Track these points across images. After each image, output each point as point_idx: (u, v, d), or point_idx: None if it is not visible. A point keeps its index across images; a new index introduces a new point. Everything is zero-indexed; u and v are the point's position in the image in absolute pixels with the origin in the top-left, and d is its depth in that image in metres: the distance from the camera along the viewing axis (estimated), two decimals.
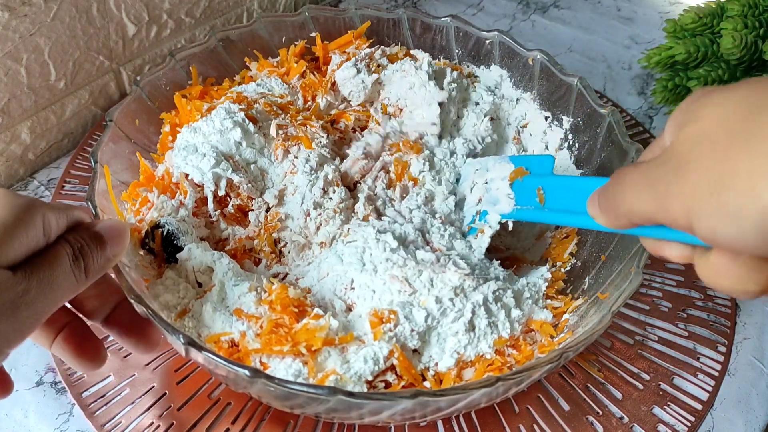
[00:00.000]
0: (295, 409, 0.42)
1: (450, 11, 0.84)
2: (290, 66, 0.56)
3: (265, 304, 0.41)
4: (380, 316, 0.41)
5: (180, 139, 0.49)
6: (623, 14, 0.86)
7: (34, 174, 0.61)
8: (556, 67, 0.53)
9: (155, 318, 0.36)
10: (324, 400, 0.34)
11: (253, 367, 0.36)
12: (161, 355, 0.48)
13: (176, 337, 0.35)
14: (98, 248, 0.35)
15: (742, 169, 0.24)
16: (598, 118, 0.50)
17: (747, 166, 0.24)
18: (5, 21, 0.51)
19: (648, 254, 0.40)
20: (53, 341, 0.37)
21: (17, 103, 0.56)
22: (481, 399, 0.37)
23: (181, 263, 0.44)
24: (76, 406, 0.46)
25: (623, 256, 0.43)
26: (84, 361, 0.38)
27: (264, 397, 0.40)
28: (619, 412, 0.47)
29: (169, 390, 0.46)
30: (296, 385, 0.34)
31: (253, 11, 0.75)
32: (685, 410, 0.47)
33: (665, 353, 0.50)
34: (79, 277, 0.33)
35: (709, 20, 0.68)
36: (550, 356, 0.37)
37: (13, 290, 0.30)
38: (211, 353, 0.35)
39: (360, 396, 0.34)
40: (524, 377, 0.36)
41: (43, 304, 0.32)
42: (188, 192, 0.47)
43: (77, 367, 0.38)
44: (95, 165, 0.44)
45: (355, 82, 0.55)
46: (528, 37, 0.81)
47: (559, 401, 0.47)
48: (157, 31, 0.65)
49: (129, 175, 0.48)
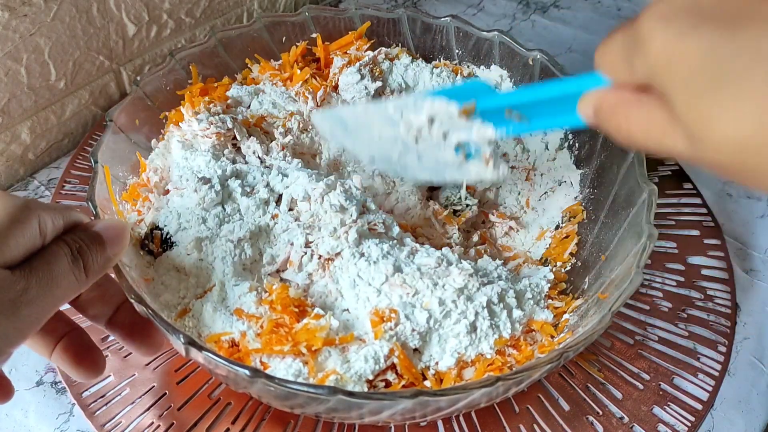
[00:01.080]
0: (296, 409, 0.42)
1: (450, 11, 0.83)
2: (293, 72, 0.56)
3: (265, 304, 0.41)
4: (381, 315, 0.41)
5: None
6: (623, 14, 0.86)
7: (34, 174, 0.61)
8: (556, 67, 0.53)
9: (155, 318, 0.36)
10: (324, 399, 0.34)
11: (253, 366, 0.36)
12: (161, 355, 0.47)
13: (176, 337, 0.35)
14: (97, 248, 0.35)
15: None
16: None
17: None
18: (5, 21, 0.51)
19: (648, 254, 0.40)
20: (53, 350, 0.37)
21: (17, 103, 0.56)
22: (481, 399, 0.37)
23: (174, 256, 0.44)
24: (76, 406, 0.46)
25: (623, 256, 0.43)
26: (83, 369, 0.38)
27: (264, 397, 0.40)
28: (619, 412, 0.47)
29: (169, 390, 0.46)
30: (296, 385, 0.34)
31: (253, 11, 0.75)
32: (685, 410, 0.47)
33: (665, 353, 0.50)
34: (79, 277, 0.33)
35: None
36: (550, 356, 0.37)
37: (12, 289, 0.30)
38: (211, 353, 0.35)
39: (360, 396, 0.34)
40: (524, 377, 0.36)
41: (43, 304, 0.32)
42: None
43: (76, 375, 0.38)
44: (95, 165, 0.44)
45: (359, 88, 0.55)
46: (528, 37, 0.81)
47: (559, 401, 0.47)
48: (157, 31, 0.65)
49: (129, 175, 0.48)
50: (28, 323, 0.31)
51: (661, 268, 0.56)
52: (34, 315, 0.31)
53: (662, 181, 0.61)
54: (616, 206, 0.47)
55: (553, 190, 0.54)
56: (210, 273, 0.43)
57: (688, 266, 0.56)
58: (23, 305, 0.30)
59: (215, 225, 0.44)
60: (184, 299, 0.43)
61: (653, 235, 0.41)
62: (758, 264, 0.58)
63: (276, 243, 0.45)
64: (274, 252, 0.45)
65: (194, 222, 0.44)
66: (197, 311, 0.42)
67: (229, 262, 0.43)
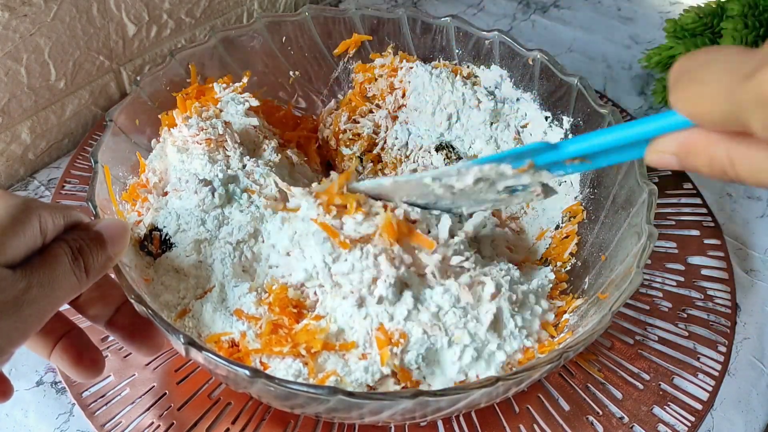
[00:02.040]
0: (296, 409, 0.41)
1: (450, 11, 0.84)
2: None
3: (264, 304, 0.41)
4: (389, 336, 0.39)
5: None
6: (623, 14, 0.86)
7: (34, 174, 0.61)
8: (556, 67, 0.53)
9: (155, 318, 0.36)
10: (324, 399, 0.34)
11: (253, 367, 0.36)
12: (161, 355, 0.47)
13: (176, 337, 0.35)
14: (98, 247, 0.35)
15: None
16: (598, 118, 0.50)
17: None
18: (5, 21, 0.51)
19: (648, 254, 0.40)
20: (52, 350, 0.37)
21: (17, 103, 0.56)
22: (481, 399, 0.37)
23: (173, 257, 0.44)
24: (76, 406, 0.46)
25: (623, 256, 0.43)
26: (82, 369, 0.38)
27: (264, 397, 0.40)
28: (619, 412, 0.47)
29: (169, 390, 0.46)
30: (296, 385, 0.34)
31: (253, 11, 0.75)
32: (686, 410, 0.47)
33: (665, 353, 0.50)
34: (79, 276, 0.34)
35: (709, 20, 0.68)
36: (551, 356, 0.36)
37: (14, 288, 0.30)
38: (211, 353, 0.35)
39: (360, 396, 0.34)
40: (524, 377, 0.36)
41: (44, 303, 0.32)
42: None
43: (76, 376, 0.38)
44: (95, 165, 0.44)
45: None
46: (528, 37, 0.81)
47: (559, 401, 0.47)
48: (157, 31, 0.65)
49: (129, 176, 0.48)
50: (30, 323, 0.31)
51: (661, 268, 0.56)
52: (36, 314, 0.31)
53: (662, 181, 0.61)
54: (616, 206, 0.47)
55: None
56: (210, 274, 0.43)
57: (688, 266, 0.56)
58: (25, 305, 0.30)
59: (214, 227, 0.44)
60: (184, 299, 0.43)
61: (653, 234, 0.41)
62: (758, 264, 0.58)
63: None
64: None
65: (193, 224, 0.44)
66: (197, 311, 0.42)
67: (228, 264, 0.43)
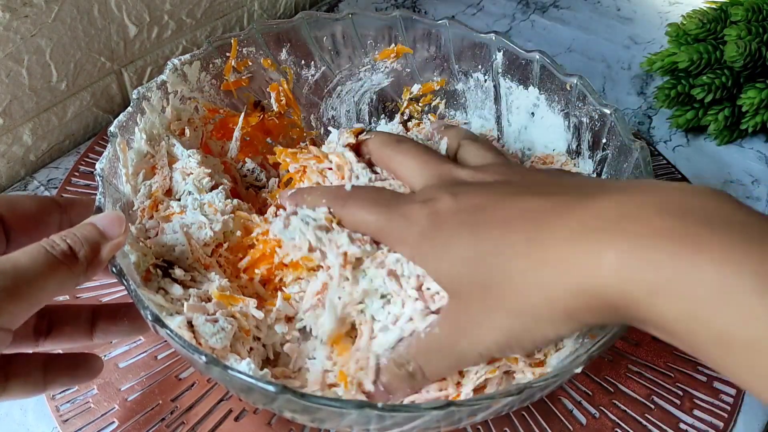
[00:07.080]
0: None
1: (450, 11, 0.84)
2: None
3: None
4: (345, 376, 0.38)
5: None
6: (623, 14, 0.86)
7: (34, 174, 0.61)
8: (555, 68, 0.53)
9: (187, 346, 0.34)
10: (347, 413, 0.32)
11: (279, 382, 0.32)
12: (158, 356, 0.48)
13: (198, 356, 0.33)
14: (94, 238, 0.35)
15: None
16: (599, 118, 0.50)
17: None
18: (6, 22, 0.51)
19: None
20: (44, 386, 0.38)
21: (19, 105, 0.56)
22: (503, 408, 0.35)
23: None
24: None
25: None
26: (80, 377, 0.39)
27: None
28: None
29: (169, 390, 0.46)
30: (323, 400, 0.32)
31: (254, 12, 0.75)
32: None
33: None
34: (75, 269, 0.34)
35: (712, 26, 0.68)
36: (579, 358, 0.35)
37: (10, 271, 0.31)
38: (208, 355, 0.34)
39: (388, 409, 0.31)
40: (550, 383, 0.34)
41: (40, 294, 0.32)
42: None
43: (78, 384, 0.39)
44: (99, 180, 0.41)
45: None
46: (527, 37, 0.81)
47: (574, 412, 0.47)
48: (158, 33, 0.65)
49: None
50: (31, 302, 0.32)
51: None
52: (35, 296, 0.32)
53: (657, 178, 0.61)
54: None
55: None
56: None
57: None
58: (24, 285, 0.31)
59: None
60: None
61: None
62: None
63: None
64: None
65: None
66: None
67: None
